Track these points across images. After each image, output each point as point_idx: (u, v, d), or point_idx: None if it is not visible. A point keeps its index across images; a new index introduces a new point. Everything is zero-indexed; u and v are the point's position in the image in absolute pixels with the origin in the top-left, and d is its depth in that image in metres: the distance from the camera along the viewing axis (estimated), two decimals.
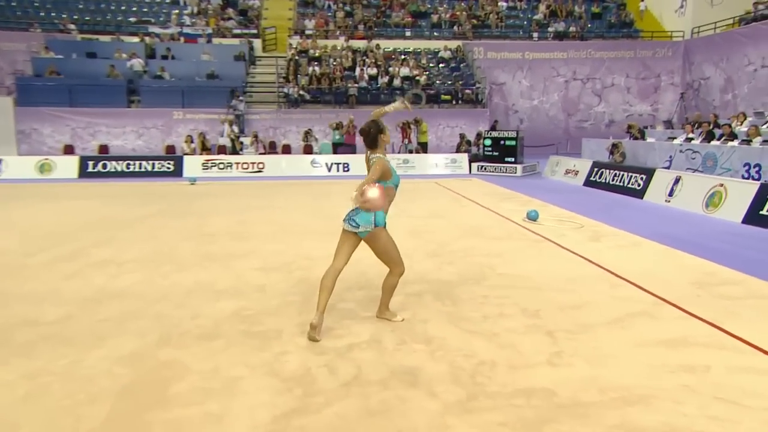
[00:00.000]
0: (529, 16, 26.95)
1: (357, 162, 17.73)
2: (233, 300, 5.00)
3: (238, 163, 17.54)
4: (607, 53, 24.40)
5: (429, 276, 5.70)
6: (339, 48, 24.38)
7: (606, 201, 10.98)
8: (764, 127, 12.42)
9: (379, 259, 4.44)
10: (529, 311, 4.68)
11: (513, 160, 16.39)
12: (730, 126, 12.36)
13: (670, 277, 5.58)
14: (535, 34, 25.75)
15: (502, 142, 16.49)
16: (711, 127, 12.81)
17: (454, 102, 22.45)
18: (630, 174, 11.73)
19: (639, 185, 11.28)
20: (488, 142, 16.83)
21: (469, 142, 18.51)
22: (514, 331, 4.25)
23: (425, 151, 18.70)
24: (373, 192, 4.06)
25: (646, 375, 3.46)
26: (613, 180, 12.23)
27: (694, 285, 5.34)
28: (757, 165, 10.67)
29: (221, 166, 17.46)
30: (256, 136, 18.87)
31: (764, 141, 11.05)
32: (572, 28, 25.63)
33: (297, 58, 23.42)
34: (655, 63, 24.29)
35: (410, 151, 18.51)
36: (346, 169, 17.64)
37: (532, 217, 8.45)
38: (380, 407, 3.13)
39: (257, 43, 24.76)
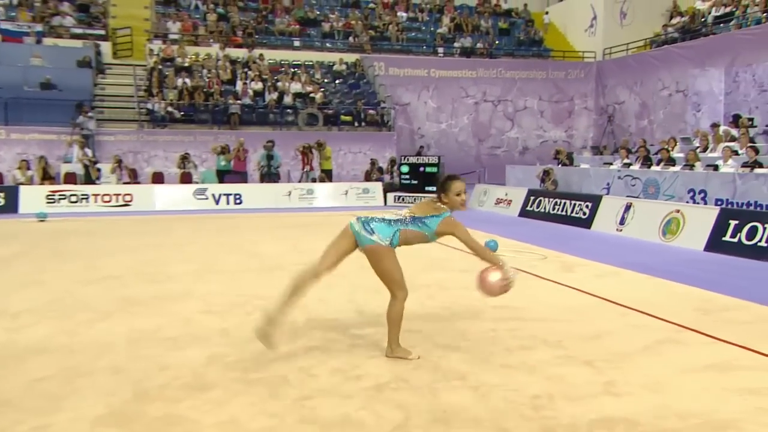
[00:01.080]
0: (432, 29, 28.53)
1: (251, 193, 17.55)
2: (199, 347, 4.90)
3: (96, 195, 16.69)
4: (519, 73, 26.42)
5: (416, 312, 5.86)
6: (213, 57, 24.21)
7: (551, 232, 11.83)
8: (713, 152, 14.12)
9: (380, 279, 4.58)
10: (551, 342, 4.99)
11: (435, 188, 17.04)
12: (668, 150, 13.92)
13: (671, 305, 6.20)
14: (440, 50, 27.28)
15: (421, 168, 17.20)
16: (647, 152, 14.33)
17: (356, 124, 23.04)
18: (574, 202, 12.75)
19: (585, 214, 12.30)
20: (406, 168, 17.46)
21: (381, 170, 19.04)
22: (549, 363, 4.52)
23: (330, 179, 18.95)
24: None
25: (714, 400, 3.84)
26: (553, 209, 13.21)
27: (699, 311, 5.97)
28: (702, 191, 12.11)
29: (73, 198, 16.51)
30: (119, 162, 18.04)
31: (707, 165, 12.57)
32: (480, 45, 27.48)
33: (161, 67, 22.88)
34: (568, 85, 26.66)
35: (313, 180, 18.66)
36: (238, 201, 17.37)
37: (491, 248, 8.92)
38: None
39: (106, 47, 23.89)
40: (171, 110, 21.49)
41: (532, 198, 14.02)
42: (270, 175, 18.62)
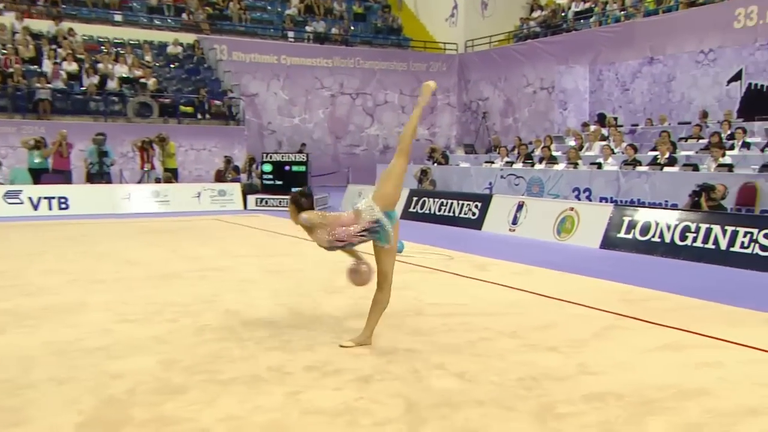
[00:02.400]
0: (279, 9, 28.94)
1: (79, 196, 16.93)
2: (141, 355, 5.09)
3: None
4: (378, 63, 27.56)
5: (354, 311, 6.36)
6: (9, 29, 22.95)
7: (441, 233, 12.73)
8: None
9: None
10: (507, 333, 5.70)
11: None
12: (549, 149, 15.44)
13: (596, 297, 7.18)
14: (291, 34, 27.76)
15: (287, 167, 17.57)
16: (528, 150, 15.80)
17: (198, 116, 22.88)
18: (462, 202, 13.78)
19: (474, 214, 13.36)
20: (268, 167, 17.73)
21: (237, 169, 19.13)
22: (516, 351, 5.20)
23: (176, 179, 18.72)
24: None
25: (679, 374, 4.67)
26: (439, 210, 14.17)
27: (624, 302, 6.98)
28: (587, 189, 13.65)
29: None
30: None
31: (591, 163, 14.17)
32: (334, 30, 28.31)
33: None
34: (429, 78, 27.91)
35: (157, 180, 18.34)
36: (63, 206, 16.68)
37: (399, 249, 9.59)
38: (476, 425, 3.79)
39: None
40: None
41: (414, 199, 14.90)
42: (102, 175, 18.05)
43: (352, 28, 29.22)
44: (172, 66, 24.83)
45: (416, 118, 5.60)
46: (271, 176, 17.71)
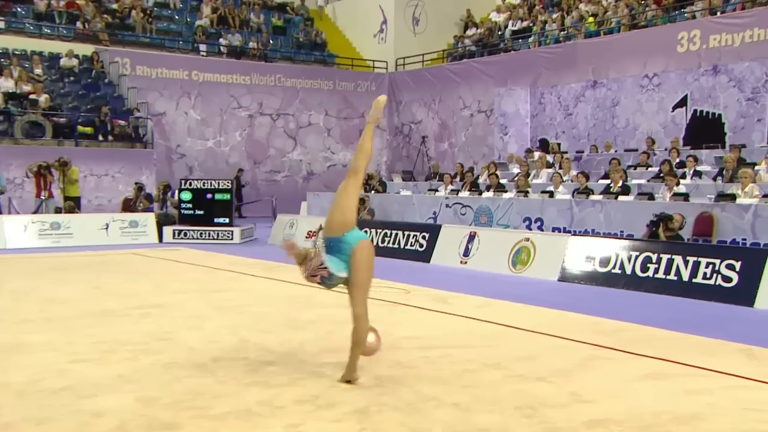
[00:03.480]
0: (189, 20, 29.14)
1: None
2: (114, 394, 5.35)
3: None
4: (301, 82, 28.07)
5: (328, 347, 6.78)
6: None
7: (387, 266, 13.11)
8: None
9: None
10: (490, 364, 6.22)
11: (228, 221, 17.76)
12: (497, 176, 16.23)
13: (569, 329, 7.79)
14: (203, 47, 27.97)
15: (209, 195, 17.74)
16: (474, 177, 16.55)
17: (100, 138, 22.77)
18: (408, 233, 14.33)
19: (422, 246, 13.93)
20: (187, 196, 17.86)
21: (149, 197, 19.17)
22: (505, 381, 5.72)
23: (79, 209, 18.61)
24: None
25: (670, 401, 5.26)
26: (383, 242, 14.68)
27: (598, 333, 7.62)
28: (539, 219, 14.43)
29: None
30: None
31: (542, 192, 14.99)
32: (252, 44, 28.68)
33: None
34: (358, 99, 28.89)
35: (57, 210, 18.19)
36: None
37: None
38: None
39: None
40: None
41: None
42: None
43: (272, 42, 29.65)
44: (66, 81, 24.63)
45: (369, 137, 6.00)
46: (190, 205, 17.82)
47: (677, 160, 16.87)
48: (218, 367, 6.07)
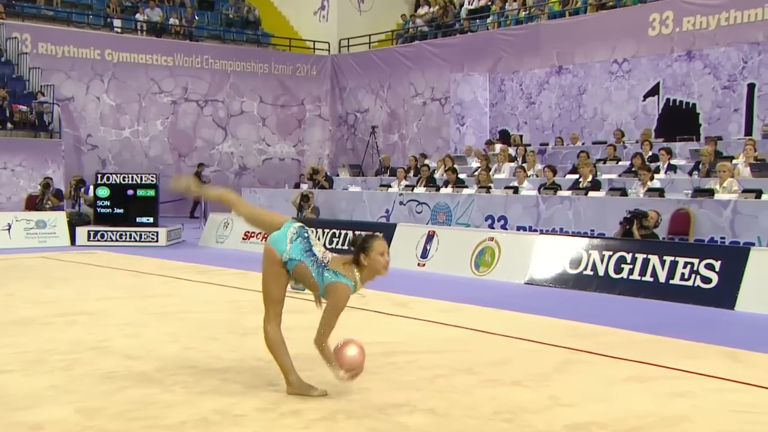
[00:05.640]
0: None
1: None
2: (50, 406, 5.44)
3: None
4: (232, 64, 28.05)
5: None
6: None
7: None
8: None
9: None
10: (462, 369, 6.47)
11: (152, 221, 17.73)
12: (455, 171, 16.54)
13: (542, 333, 8.11)
14: (117, 23, 27.63)
15: (130, 191, 17.69)
16: (431, 171, 16.85)
17: None
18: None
19: None
20: (104, 192, 17.76)
21: (59, 194, 19.01)
22: (480, 386, 5.98)
23: None
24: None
25: (654, 403, 5.59)
26: (330, 242, 14.87)
27: (573, 337, 7.94)
28: (502, 217, 14.77)
29: None
30: None
31: (506, 187, 15.34)
32: (173, 20, 28.49)
33: None
34: (296, 84, 29.01)
35: None
36: None
37: (302, 288, 10.21)
38: None
39: None
40: None
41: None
42: None
43: (197, 18, 29.49)
44: None
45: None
46: (108, 203, 17.70)
47: (650, 153, 17.38)
48: (164, 376, 6.20)
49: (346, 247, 14.71)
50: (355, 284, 5.70)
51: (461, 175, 17.67)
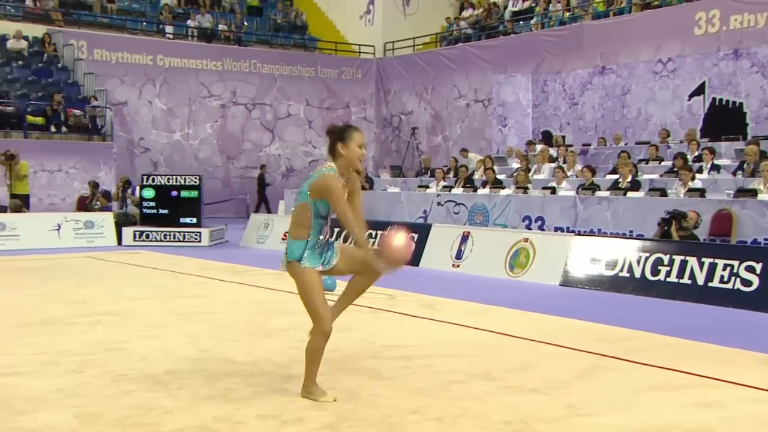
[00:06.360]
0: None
1: None
2: (52, 410, 5.32)
3: None
4: (279, 68, 28.02)
5: (298, 355, 6.69)
6: None
7: None
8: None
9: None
10: (480, 375, 6.18)
11: (195, 221, 17.68)
12: (493, 171, 16.21)
13: (570, 337, 7.77)
14: (169, 29, 27.86)
15: (174, 192, 17.66)
16: (469, 173, 16.53)
17: (52, 129, 22.63)
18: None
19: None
20: (150, 193, 17.77)
21: (107, 195, 19.08)
22: (495, 393, 5.68)
23: (27, 208, 18.50)
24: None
25: (678, 414, 5.25)
26: None
27: (602, 342, 7.60)
28: (540, 218, 14.40)
29: None
30: None
31: (543, 188, 14.97)
32: (222, 26, 28.62)
33: None
34: (342, 87, 28.89)
35: (2, 209, 18.07)
36: None
37: (329, 286, 9.98)
38: None
39: None
40: None
41: (336, 230, 15.33)
42: None
43: (246, 24, 29.61)
44: (15, 65, 24.48)
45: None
46: (153, 204, 17.73)
47: (696, 153, 16.85)
48: (172, 380, 6.02)
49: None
50: (333, 170, 5.36)
51: (501, 176, 17.34)
